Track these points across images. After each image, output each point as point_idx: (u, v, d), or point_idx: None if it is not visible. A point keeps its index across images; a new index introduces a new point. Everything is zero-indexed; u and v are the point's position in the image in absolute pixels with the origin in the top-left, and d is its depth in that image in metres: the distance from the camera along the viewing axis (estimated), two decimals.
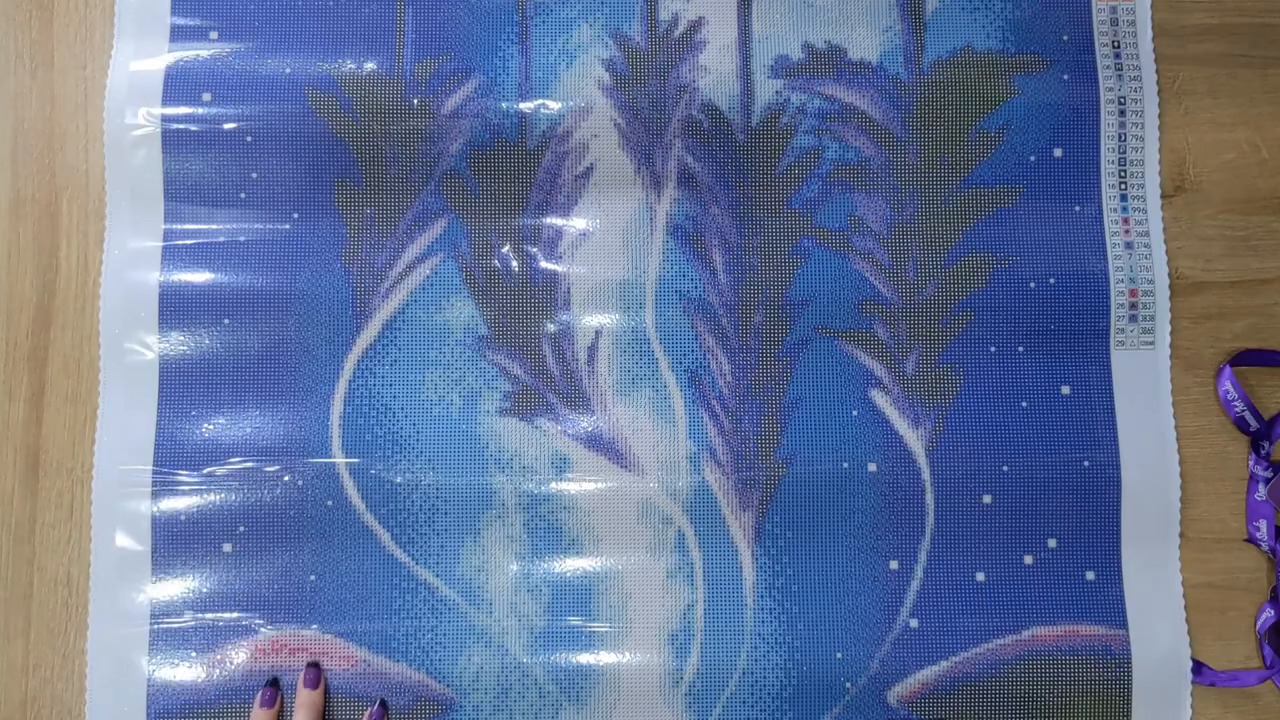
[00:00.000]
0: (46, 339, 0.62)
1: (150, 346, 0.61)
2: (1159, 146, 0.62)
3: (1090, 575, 0.60)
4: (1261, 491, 0.60)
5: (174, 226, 0.61)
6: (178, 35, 0.62)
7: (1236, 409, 0.61)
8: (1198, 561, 0.60)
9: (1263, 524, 0.60)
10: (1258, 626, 0.60)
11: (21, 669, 0.60)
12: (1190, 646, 0.59)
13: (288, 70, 0.61)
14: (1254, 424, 0.61)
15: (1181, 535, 0.60)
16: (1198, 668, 0.59)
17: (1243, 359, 0.61)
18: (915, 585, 0.60)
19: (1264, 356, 0.61)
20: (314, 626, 0.59)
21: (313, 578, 0.60)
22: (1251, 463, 0.61)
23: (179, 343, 0.61)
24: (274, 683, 0.59)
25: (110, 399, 0.60)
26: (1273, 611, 0.60)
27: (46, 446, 0.61)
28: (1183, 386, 0.61)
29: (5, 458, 0.61)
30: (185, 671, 0.59)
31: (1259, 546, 0.60)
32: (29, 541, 0.61)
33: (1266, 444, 0.60)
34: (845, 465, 0.60)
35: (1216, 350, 0.62)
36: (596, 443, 0.61)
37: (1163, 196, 0.62)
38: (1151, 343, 0.61)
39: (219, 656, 0.59)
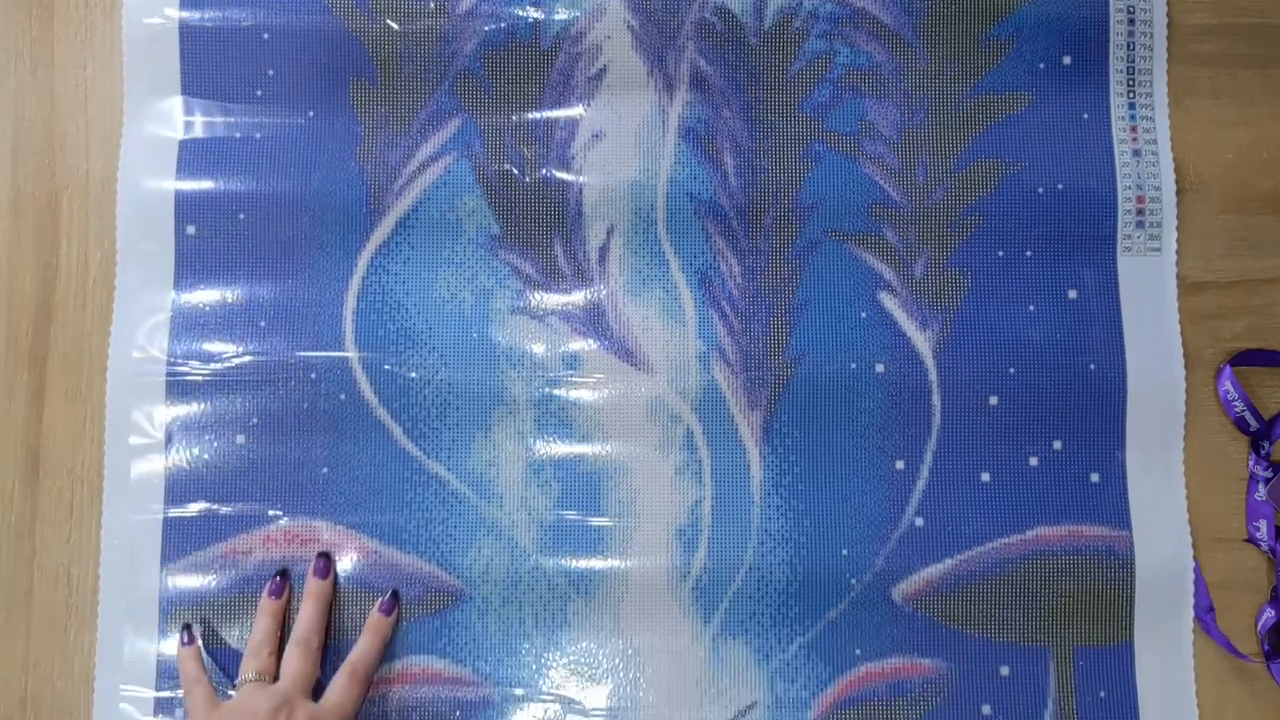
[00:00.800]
0: (47, 337, 0.62)
1: (166, 241, 0.61)
2: (1167, 57, 0.63)
3: (1095, 477, 0.60)
4: (1261, 491, 0.60)
5: (191, 119, 0.62)
6: None
7: (1236, 409, 0.61)
8: (1198, 561, 0.60)
9: (1263, 524, 0.60)
10: (1258, 626, 0.60)
11: (21, 667, 0.60)
12: (1193, 547, 0.60)
13: None
14: (1254, 424, 0.61)
15: None
16: (1207, 616, 0.59)
17: (1243, 359, 0.61)
18: (921, 485, 0.60)
19: (1264, 356, 0.61)
20: (326, 518, 0.60)
21: (325, 470, 0.60)
22: (1251, 463, 0.61)
23: (194, 236, 0.61)
24: (284, 573, 0.59)
25: (126, 290, 0.61)
26: (1273, 611, 0.60)
27: (47, 444, 0.61)
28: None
29: (6, 455, 0.61)
30: (196, 561, 0.60)
31: (1259, 546, 0.60)
32: (29, 539, 0.61)
33: (1266, 444, 0.61)
34: (853, 366, 0.61)
35: (1216, 350, 0.62)
36: (607, 341, 0.61)
37: None
38: (1158, 249, 0.61)
39: (230, 547, 0.60)
